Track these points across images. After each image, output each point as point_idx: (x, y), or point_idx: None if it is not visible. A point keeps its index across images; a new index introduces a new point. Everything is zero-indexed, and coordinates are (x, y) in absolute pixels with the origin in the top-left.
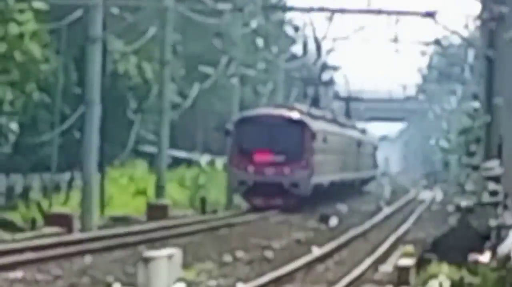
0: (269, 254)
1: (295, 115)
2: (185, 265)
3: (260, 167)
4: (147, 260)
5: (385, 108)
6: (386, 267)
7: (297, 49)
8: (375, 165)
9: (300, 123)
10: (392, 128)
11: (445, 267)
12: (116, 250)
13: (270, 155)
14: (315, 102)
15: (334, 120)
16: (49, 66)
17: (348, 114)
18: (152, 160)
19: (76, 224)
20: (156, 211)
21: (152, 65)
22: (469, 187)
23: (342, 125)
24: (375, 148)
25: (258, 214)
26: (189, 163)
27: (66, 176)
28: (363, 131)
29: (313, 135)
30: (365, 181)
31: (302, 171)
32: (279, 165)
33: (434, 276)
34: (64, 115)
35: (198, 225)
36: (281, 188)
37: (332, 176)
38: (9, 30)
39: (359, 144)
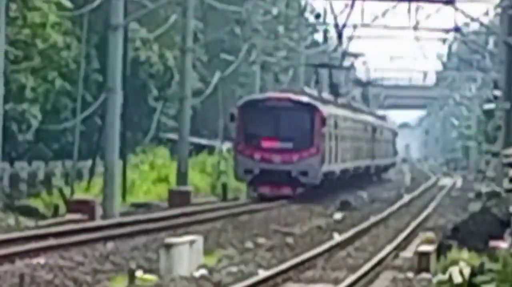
0: (290, 240)
1: (304, 98)
2: (207, 251)
3: (267, 154)
4: (169, 246)
5: (405, 96)
6: (407, 254)
7: (318, 36)
8: (394, 152)
9: (309, 107)
10: (412, 115)
11: (465, 253)
12: (138, 237)
13: (277, 141)
14: (334, 88)
15: (347, 105)
16: (71, 54)
17: (365, 100)
18: (173, 147)
19: (98, 211)
20: (177, 198)
21: (173, 52)
22: (489, 173)
23: (356, 110)
24: (394, 134)
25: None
26: (211, 149)
27: (88, 163)
28: (380, 117)
29: (323, 120)
30: (383, 168)
31: (311, 158)
32: (287, 152)
33: (454, 262)
34: (85, 102)
35: (219, 211)
36: (289, 176)
37: (344, 164)
38: (31, 17)
39: (375, 129)
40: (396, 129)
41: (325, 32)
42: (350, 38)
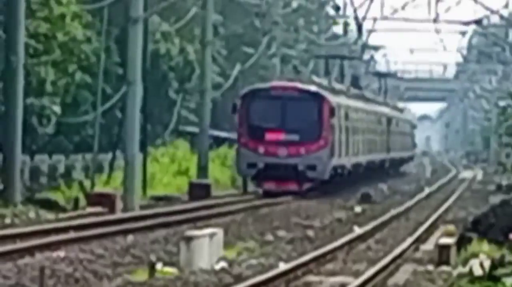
0: (310, 233)
1: (311, 87)
2: (227, 244)
3: (271, 147)
4: (189, 239)
5: (425, 88)
6: (427, 246)
7: (338, 29)
8: (412, 145)
9: (317, 97)
10: (433, 108)
11: (485, 246)
12: (158, 230)
13: (283, 133)
14: (355, 81)
15: (359, 96)
16: (91, 47)
17: (380, 91)
18: (193, 140)
19: (119, 204)
20: (198, 191)
21: (193, 45)
22: (509, 166)
23: (369, 101)
24: (413, 127)
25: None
26: (231, 142)
27: (108, 156)
28: (397, 108)
29: (332, 111)
30: (399, 162)
31: (319, 151)
32: (293, 145)
33: (474, 255)
34: (106, 95)
35: (239, 204)
36: (296, 171)
37: (356, 157)
38: (52, 10)
39: (390, 121)
40: (414, 121)
41: (345, 25)
42: (370, 31)
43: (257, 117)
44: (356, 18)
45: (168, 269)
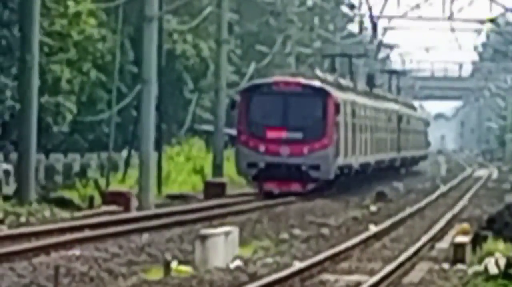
0: (325, 231)
1: (316, 83)
2: (242, 243)
3: (273, 145)
4: (204, 238)
5: (440, 87)
6: (442, 245)
7: (353, 27)
8: (426, 143)
9: (321, 93)
10: (448, 106)
11: (501, 244)
12: (173, 228)
13: (285, 131)
14: (370, 79)
15: (368, 93)
16: (106, 45)
17: (391, 88)
18: (209, 139)
19: (134, 202)
20: (213, 189)
21: (208, 44)
22: None
23: (379, 98)
24: (426, 125)
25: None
26: None
27: (124, 154)
28: (408, 105)
29: (337, 107)
30: (411, 161)
31: (323, 150)
32: (296, 143)
33: (490, 253)
34: (121, 94)
35: (255, 202)
36: (299, 171)
37: (364, 157)
38: (67, 8)
39: (401, 119)
40: (427, 119)
41: (361, 23)
42: (386, 29)
43: (257, 114)
44: (371, 16)
45: (183, 268)
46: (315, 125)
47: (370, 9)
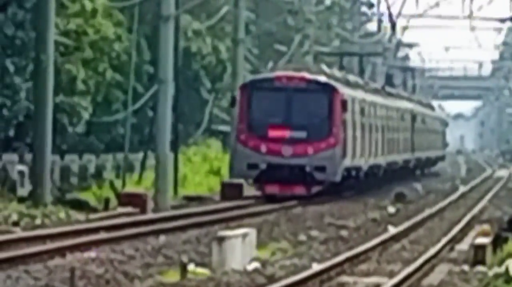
0: (344, 233)
1: (321, 78)
2: (260, 244)
3: (275, 145)
4: (221, 240)
5: (460, 86)
6: (462, 246)
7: (371, 26)
8: (443, 144)
9: (327, 89)
10: (467, 106)
11: None
12: (190, 230)
13: (288, 130)
14: (388, 78)
15: (379, 90)
16: (122, 45)
17: (406, 86)
18: (225, 139)
19: (150, 204)
20: (230, 190)
21: (225, 43)
22: None
23: (391, 96)
24: (444, 125)
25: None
26: None
27: (140, 155)
28: (424, 104)
29: (344, 104)
30: (426, 162)
31: (329, 150)
32: (300, 143)
33: (510, 254)
34: (137, 94)
35: (272, 204)
36: (303, 173)
37: (374, 158)
38: (83, 6)
39: (415, 118)
40: (445, 118)
41: (379, 22)
42: (404, 28)
43: (258, 111)
44: (390, 15)
45: (200, 270)
46: (320, 124)
47: (389, 7)
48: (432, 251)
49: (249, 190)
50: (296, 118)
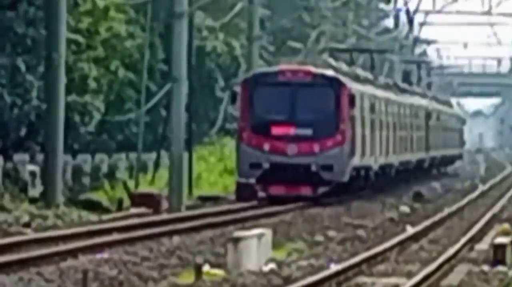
0: (361, 233)
1: (328, 72)
2: (276, 245)
3: (279, 143)
4: (236, 240)
5: (479, 83)
6: (482, 246)
7: (389, 22)
8: (460, 142)
9: (334, 83)
10: (486, 103)
11: None
12: (204, 230)
13: (292, 127)
14: (406, 76)
15: (390, 86)
16: (135, 43)
17: (420, 81)
18: None
19: (164, 204)
20: (245, 190)
21: (239, 41)
22: None
23: (404, 92)
24: (461, 122)
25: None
26: None
27: (153, 155)
28: (439, 101)
29: (352, 100)
30: (441, 161)
31: (337, 148)
32: (305, 141)
33: None
34: (150, 92)
35: (288, 204)
36: (309, 172)
37: (386, 157)
38: (95, 4)
39: (429, 115)
40: (462, 115)
41: (396, 18)
42: (422, 25)
43: (261, 108)
44: (407, 11)
45: (215, 271)
46: (327, 120)
47: (406, 3)
48: (451, 251)
49: None
50: (301, 114)
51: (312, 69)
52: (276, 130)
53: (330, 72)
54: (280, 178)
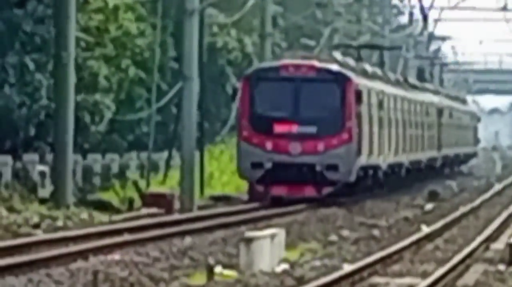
0: (376, 232)
1: (333, 66)
2: (289, 245)
3: (282, 142)
4: (249, 241)
5: (495, 80)
6: (498, 245)
7: (403, 19)
8: (474, 140)
9: (339, 78)
10: (502, 101)
11: None
12: (217, 231)
13: (296, 125)
14: (420, 73)
15: (400, 82)
16: (145, 41)
17: (432, 77)
18: None
19: (175, 204)
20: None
21: (252, 38)
22: None
23: (414, 88)
24: (475, 119)
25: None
26: None
27: (164, 154)
28: (452, 97)
29: (359, 95)
30: (454, 160)
31: (342, 147)
32: (309, 139)
33: None
34: (161, 91)
35: (301, 203)
36: (313, 172)
37: (395, 156)
38: (106, 2)
39: (441, 112)
40: (477, 112)
41: (411, 15)
42: (437, 21)
43: (263, 104)
44: (421, 7)
45: (228, 272)
46: (332, 117)
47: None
48: (466, 250)
49: None
50: (305, 111)
51: (316, 63)
52: (278, 128)
53: (335, 67)
54: (283, 178)
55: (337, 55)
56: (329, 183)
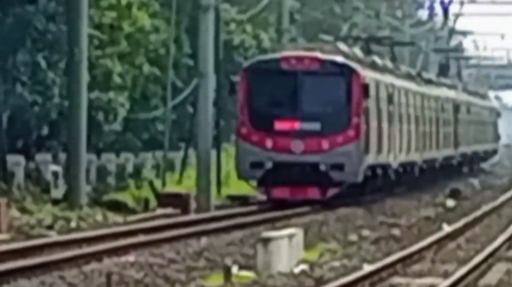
0: (396, 232)
1: (338, 58)
2: (307, 245)
3: (283, 140)
4: (266, 241)
5: None
6: None
7: (423, 14)
8: (495, 137)
9: (345, 71)
10: None
11: None
12: (233, 231)
13: (298, 121)
14: (442, 69)
15: (413, 76)
16: (160, 37)
17: (448, 71)
18: None
19: (192, 204)
20: None
21: (268, 34)
22: None
23: (428, 82)
24: (495, 115)
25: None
26: None
27: (180, 153)
28: (470, 92)
29: (365, 89)
30: (472, 158)
31: (348, 145)
32: (312, 137)
33: None
34: (176, 89)
35: (320, 202)
36: (317, 172)
37: (407, 154)
38: (118, 1)
39: (458, 108)
40: (497, 108)
41: (431, 9)
42: (457, 16)
43: (263, 99)
44: (442, 2)
45: (245, 273)
46: (337, 113)
47: None
48: (489, 249)
49: None
50: (308, 107)
51: (320, 55)
52: (279, 125)
53: (340, 59)
54: (285, 178)
55: (342, 46)
56: (334, 183)
